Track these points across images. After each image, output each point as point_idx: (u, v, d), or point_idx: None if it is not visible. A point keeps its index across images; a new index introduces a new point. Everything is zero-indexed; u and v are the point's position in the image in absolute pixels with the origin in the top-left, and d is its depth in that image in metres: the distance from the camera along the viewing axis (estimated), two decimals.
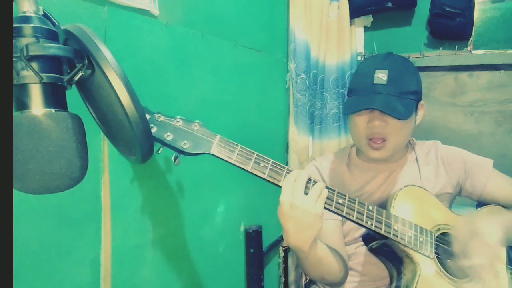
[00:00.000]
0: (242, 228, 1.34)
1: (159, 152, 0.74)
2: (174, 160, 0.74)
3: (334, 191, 0.80)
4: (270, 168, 0.76)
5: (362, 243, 1.00)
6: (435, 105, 1.91)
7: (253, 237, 1.33)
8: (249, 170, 0.75)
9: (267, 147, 1.53)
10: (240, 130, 1.30)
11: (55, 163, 0.46)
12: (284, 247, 1.59)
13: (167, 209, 1.01)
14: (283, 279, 1.60)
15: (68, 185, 0.49)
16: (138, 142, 0.54)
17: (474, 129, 1.85)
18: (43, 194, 0.48)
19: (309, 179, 0.77)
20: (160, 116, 0.74)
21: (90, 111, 0.68)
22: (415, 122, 1.02)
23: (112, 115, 0.54)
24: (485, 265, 0.79)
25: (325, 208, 0.78)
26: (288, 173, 0.77)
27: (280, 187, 0.76)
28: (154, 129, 0.72)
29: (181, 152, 0.73)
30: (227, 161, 0.75)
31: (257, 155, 0.77)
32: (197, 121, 0.78)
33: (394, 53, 1.04)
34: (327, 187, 0.79)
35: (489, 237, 0.81)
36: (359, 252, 1.03)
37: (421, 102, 1.02)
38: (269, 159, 0.78)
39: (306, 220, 0.73)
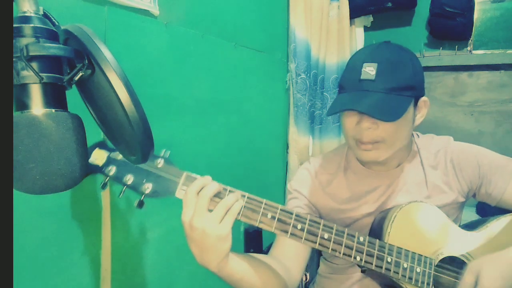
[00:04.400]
0: (242, 228, 1.34)
1: (121, 196, 0.67)
2: (138, 206, 0.66)
3: (319, 224, 0.72)
4: (244, 204, 0.69)
5: None
6: (435, 105, 1.91)
7: (253, 237, 1.33)
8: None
9: (267, 147, 1.53)
10: (240, 130, 1.30)
11: (55, 163, 0.46)
12: None
13: (167, 209, 1.01)
14: None
15: (68, 185, 0.49)
16: (138, 142, 0.54)
17: (474, 129, 1.85)
18: (43, 194, 0.47)
19: (224, 189, 0.67)
20: (118, 154, 0.66)
21: (90, 111, 0.68)
22: (414, 120, 0.90)
23: (112, 115, 0.54)
24: None
25: (307, 244, 0.71)
26: (267, 207, 0.68)
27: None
28: (112, 171, 0.65)
29: (144, 196, 0.66)
30: None
31: (230, 190, 0.68)
32: (163, 153, 0.69)
33: (391, 42, 0.90)
34: (310, 220, 0.71)
35: None
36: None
37: (424, 98, 0.89)
38: (244, 193, 0.69)
39: (208, 242, 0.64)
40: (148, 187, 0.66)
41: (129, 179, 0.66)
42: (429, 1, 1.80)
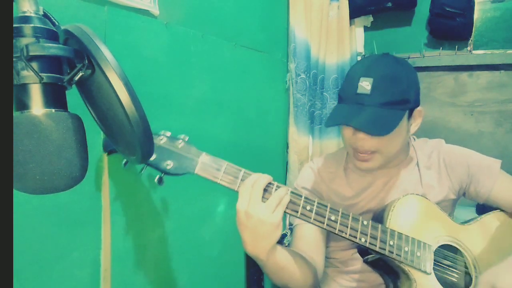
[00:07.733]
0: None
1: (142, 172, 0.71)
2: (158, 182, 0.71)
3: (326, 206, 0.77)
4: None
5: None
6: (435, 105, 1.91)
7: None
8: (236, 189, 0.73)
9: (267, 147, 1.53)
10: (240, 130, 1.30)
11: (55, 163, 0.46)
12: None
13: (167, 209, 1.01)
14: None
15: (68, 185, 0.49)
16: (138, 142, 0.54)
17: (474, 129, 1.85)
18: (43, 194, 0.47)
19: (271, 183, 0.74)
20: None
21: (90, 111, 0.68)
22: (408, 130, 0.95)
23: (112, 115, 0.54)
24: None
25: (316, 225, 0.76)
26: (278, 188, 0.74)
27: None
28: None
29: (164, 173, 0.71)
30: (213, 181, 0.73)
31: (244, 172, 0.74)
32: (182, 136, 0.75)
33: (389, 53, 0.96)
34: (318, 203, 0.76)
35: None
36: (356, 258, 1.00)
37: (419, 108, 0.94)
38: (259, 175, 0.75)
39: (262, 229, 0.70)
40: (169, 164, 0.71)
41: (152, 156, 0.69)
42: (429, 1, 1.79)
